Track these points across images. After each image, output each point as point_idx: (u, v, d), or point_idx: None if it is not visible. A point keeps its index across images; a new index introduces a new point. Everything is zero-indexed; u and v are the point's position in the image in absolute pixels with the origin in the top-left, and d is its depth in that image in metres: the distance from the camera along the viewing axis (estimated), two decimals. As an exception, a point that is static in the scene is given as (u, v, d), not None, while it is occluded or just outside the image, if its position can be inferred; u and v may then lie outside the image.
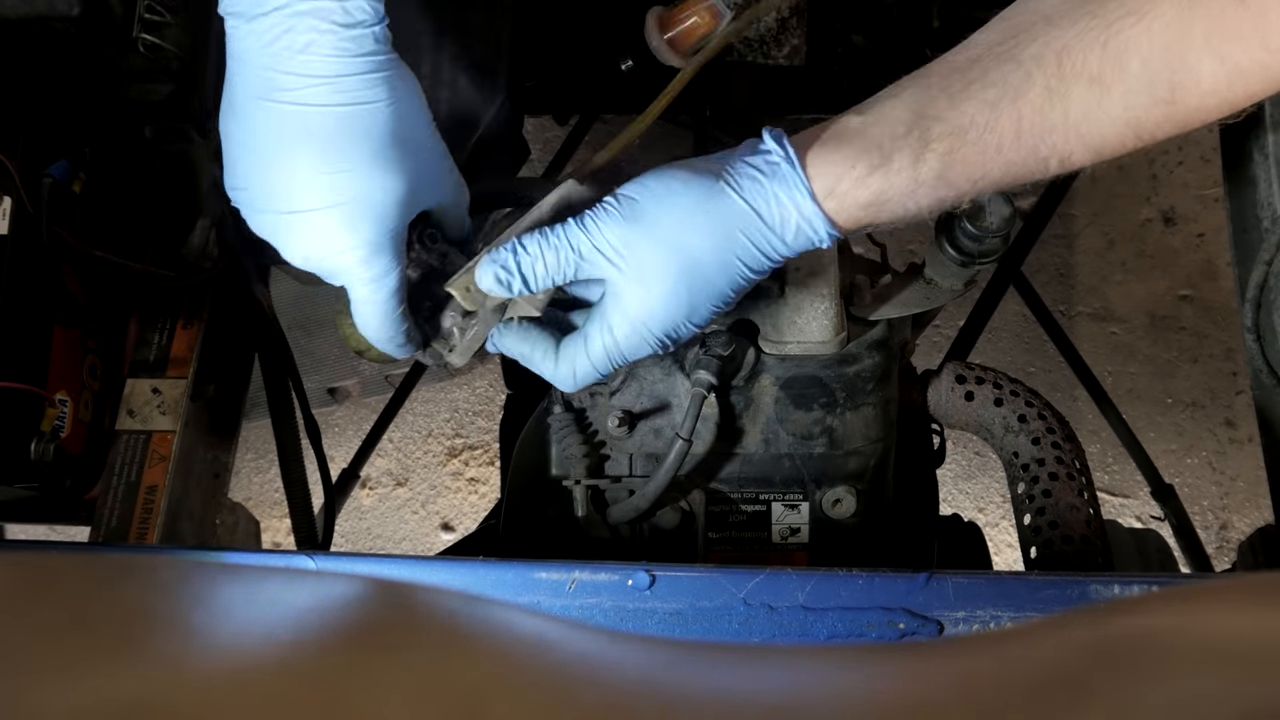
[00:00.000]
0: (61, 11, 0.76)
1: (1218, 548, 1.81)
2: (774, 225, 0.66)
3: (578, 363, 0.70)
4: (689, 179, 0.67)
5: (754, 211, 0.66)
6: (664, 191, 0.66)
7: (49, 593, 0.29)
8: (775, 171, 0.66)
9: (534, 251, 0.67)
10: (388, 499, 1.99)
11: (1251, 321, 0.83)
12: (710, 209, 0.66)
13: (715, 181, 0.66)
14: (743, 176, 0.66)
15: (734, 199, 0.66)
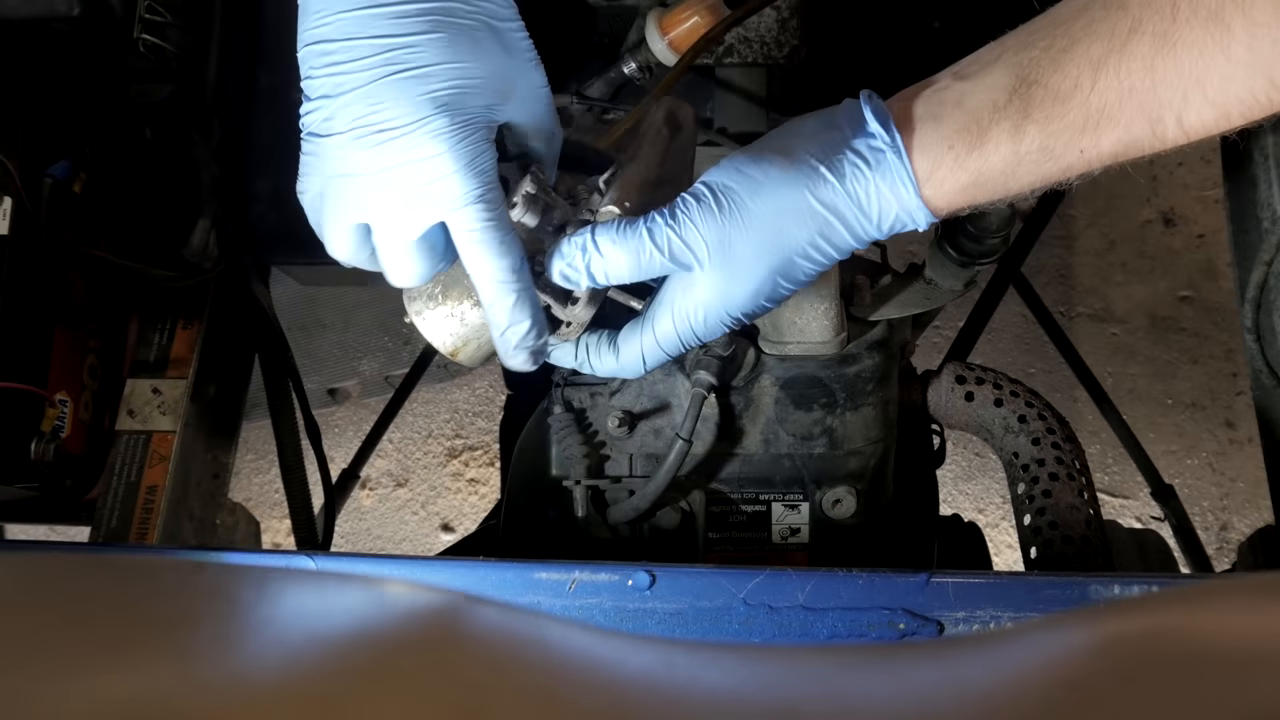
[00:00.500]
0: (62, 12, 0.76)
1: (1218, 548, 1.81)
2: (873, 216, 0.62)
3: (646, 350, 0.66)
4: (788, 168, 0.62)
5: (856, 205, 0.61)
6: (763, 181, 0.62)
7: (49, 593, 0.29)
8: (880, 162, 0.61)
9: (609, 251, 0.62)
10: (388, 500, 1.99)
11: (1251, 322, 0.83)
12: (813, 202, 0.61)
13: (816, 171, 0.61)
14: (847, 166, 0.61)
15: (838, 192, 0.61)
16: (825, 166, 0.61)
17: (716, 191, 0.62)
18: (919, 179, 0.61)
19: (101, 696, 0.24)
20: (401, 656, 0.27)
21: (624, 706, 0.28)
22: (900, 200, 0.61)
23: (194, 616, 0.29)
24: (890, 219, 0.62)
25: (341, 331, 1.95)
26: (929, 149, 0.61)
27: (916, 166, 0.61)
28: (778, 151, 0.63)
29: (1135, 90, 0.57)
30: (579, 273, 0.62)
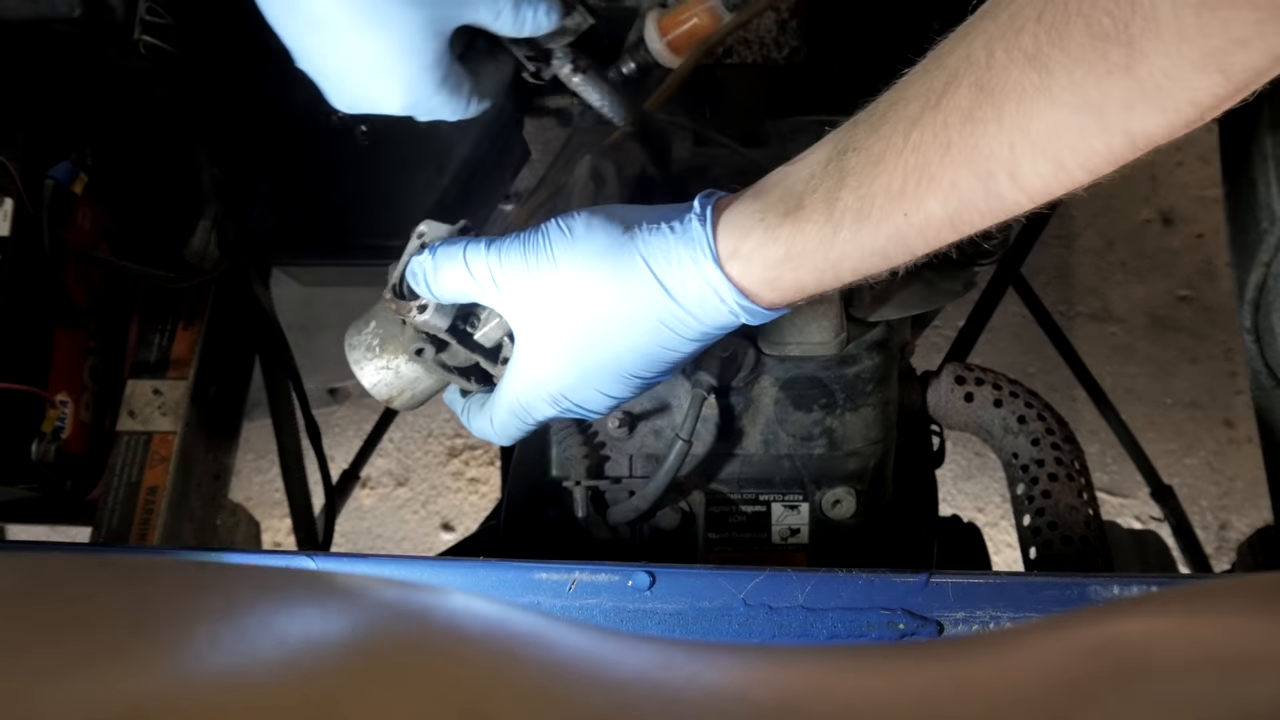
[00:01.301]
0: (62, 13, 0.76)
1: (1217, 548, 1.81)
2: (674, 292, 0.59)
3: (495, 417, 0.67)
4: (604, 225, 0.60)
5: (652, 273, 0.59)
6: (578, 233, 0.60)
7: (49, 593, 0.29)
8: (685, 229, 0.58)
9: (439, 262, 0.63)
10: (388, 499, 1.99)
11: (1250, 323, 0.83)
12: (614, 263, 0.59)
13: (625, 231, 0.60)
14: (652, 232, 0.59)
15: (635, 256, 0.59)
16: (635, 230, 0.60)
17: (534, 232, 0.61)
18: (725, 251, 0.58)
19: (101, 696, 0.24)
20: (400, 656, 0.27)
21: (622, 706, 0.28)
22: (700, 269, 0.58)
23: (194, 616, 0.29)
24: (694, 297, 0.59)
25: (341, 331, 1.94)
26: (738, 221, 0.58)
27: (725, 241, 0.58)
28: (608, 212, 0.62)
29: (954, 145, 0.52)
30: (418, 277, 0.64)
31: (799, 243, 0.57)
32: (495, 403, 0.66)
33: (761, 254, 0.58)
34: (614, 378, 0.63)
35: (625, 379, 0.63)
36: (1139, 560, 0.93)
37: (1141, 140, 0.49)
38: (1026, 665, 0.30)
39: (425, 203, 0.88)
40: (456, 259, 0.62)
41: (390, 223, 0.89)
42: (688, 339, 0.61)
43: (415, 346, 0.68)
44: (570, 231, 0.60)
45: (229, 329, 0.94)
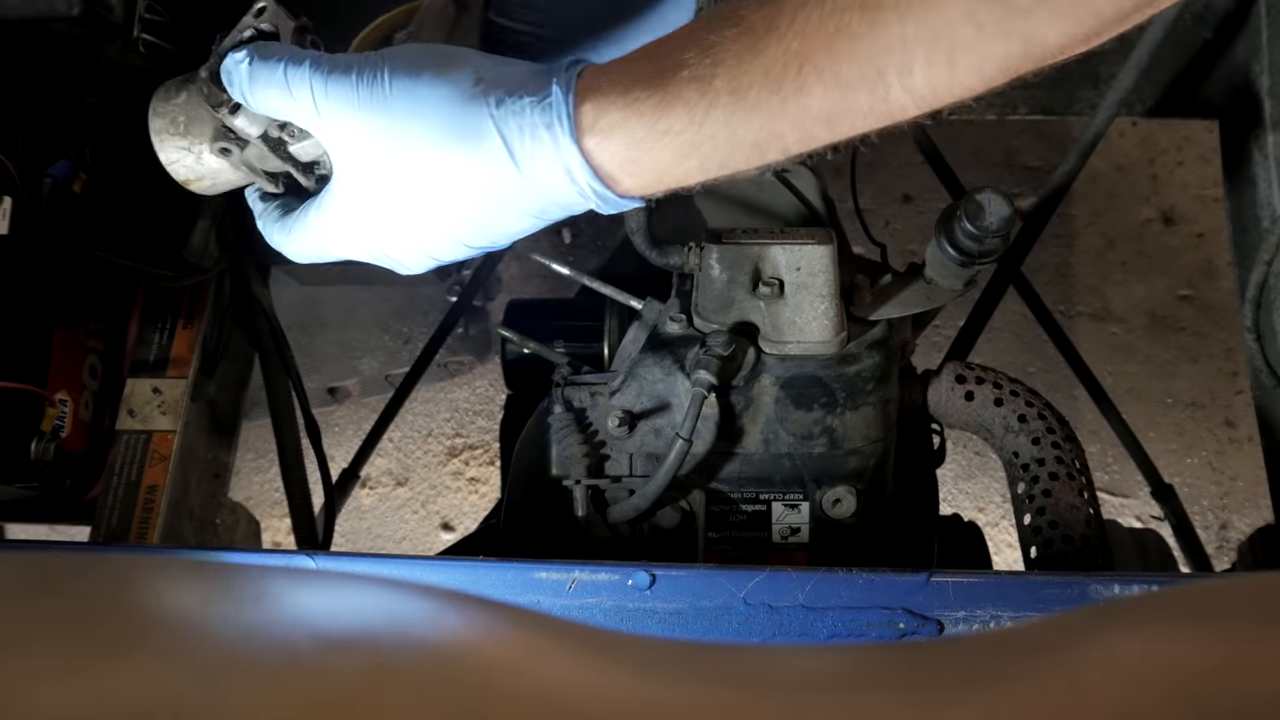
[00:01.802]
0: (62, 11, 0.76)
1: (1218, 548, 1.81)
2: (523, 166, 0.53)
3: (294, 238, 0.61)
4: (455, 75, 0.54)
5: (504, 143, 0.53)
6: (424, 79, 0.54)
7: (49, 592, 0.29)
8: (544, 99, 0.52)
9: (255, 69, 0.57)
10: (388, 499, 1.99)
11: (1251, 321, 0.83)
12: (461, 123, 0.53)
13: (478, 88, 0.53)
14: (509, 99, 0.53)
15: (487, 122, 0.53)
16: (488, 92, 0.53)
17: (369, 68, 0.55)
18: (584, 124, 0.52)
19: (101, 696, 0.24)
20: (400, 657, 0.27)
21: (623, 707, 0.28)
22: (557, 148, 0.52)
23: (194, 616, 0.29)
24: (544, 170, 0.53)
25: (341, 330, 1.94)
26: (602, 93, 0.52)
27: (583, 110, 0.52)
28: (452, 60, 0.55)
29: (844, 32, 0.47)
30: (232, 80, 0.58)
31: (664, 121, 0.51)
32: (301, 225, 0.61)
33: (623, 130, 0.52)
34: (440, 240, 0.58)
35: (452, 243, 0.58)
36: (1140, 559, 0.93)
37: (1038, 49, 0.47)
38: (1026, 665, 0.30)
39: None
40: (276, 75, 0.56)
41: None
42: (527, 214, 0.56)
43: (221, 145, 0.63)
44: (416, 76, 0.54)
45: (229, 328, 0.94)
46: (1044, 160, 1.98)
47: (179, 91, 0.66)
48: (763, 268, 0.78)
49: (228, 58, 0.60)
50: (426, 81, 0.54)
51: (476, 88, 0.53)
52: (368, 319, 1.95)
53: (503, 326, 0.89)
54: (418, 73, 0.54)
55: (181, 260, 0.87)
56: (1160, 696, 0.26)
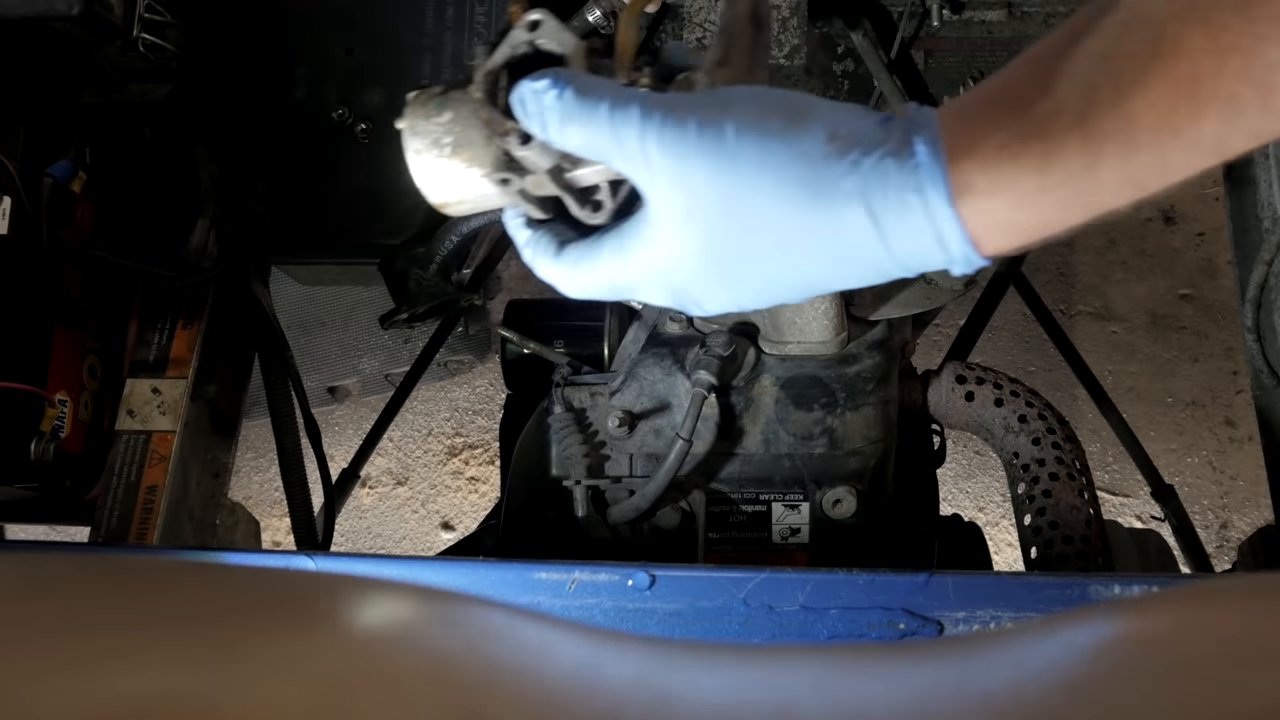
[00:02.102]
0: (62, 11, 0.76)
1: (1218, 547, 1.81)
2: (889, 238, 0.49)
3: (578, 274, 0.57)
4: (806, 131, 0.49)
5: (869, 216, 0.48)
6: (772, 132, 0.49)
7: (49, 593, 0.29)
8: (911, 162, 0.47)
9: (569, 106, 0.52)
10: (388, 498, 1.99)
11: (1252, 321, 0.83)
12: (816, 188, 0.49)
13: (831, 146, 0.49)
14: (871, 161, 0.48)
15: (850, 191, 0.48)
16: (836, 142, 0.49)
17: (708, 123, 0.50)
18: (957, 186, 0.47)
19: (101, 696, 0.24)
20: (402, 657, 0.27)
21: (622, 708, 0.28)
22: (931, 219, 0.48)
23: (193, 616, 0.29)
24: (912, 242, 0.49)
25: (341, 330, 1.94)
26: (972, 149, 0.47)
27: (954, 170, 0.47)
28: (796, 117, 0.50)
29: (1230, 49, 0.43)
30: (534, 116, 0.54)
31: (1051, 174, 0.46)
32: (591, 260, 0.57)
33: (1006, 191, 0.46)
34: (759, 296, 0.53)
35: (769, 299, 0.54)
36: (1140, 560, 0.93)
37: None
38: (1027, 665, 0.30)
39: (425, 202, 0.88)
40: (598, 118, 0.51)
41: (390, 222, 0.89)
42: (871, 275, 0.51)
43: (501, 175, 0.58)
44: (763, 131, 0.50)
45: (228, 328, 0.94)
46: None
47: (442, 109, 0.60)
48: (763, 268, 0.78)
49: (524, 87, 0.54)
50: (775, 137, 0.50)
51: (830, 145, 0.49)
52: (367, 318, 1.95)
53: (503, 326, 0.89)
54: (764, 127, 0.50)
55: (181, 260, 0.87)
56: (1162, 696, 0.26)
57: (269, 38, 0.92)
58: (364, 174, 0.89)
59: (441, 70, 0.90)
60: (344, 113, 0.89)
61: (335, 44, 0.91)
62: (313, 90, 0.90)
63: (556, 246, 0.58)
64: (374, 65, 0.90)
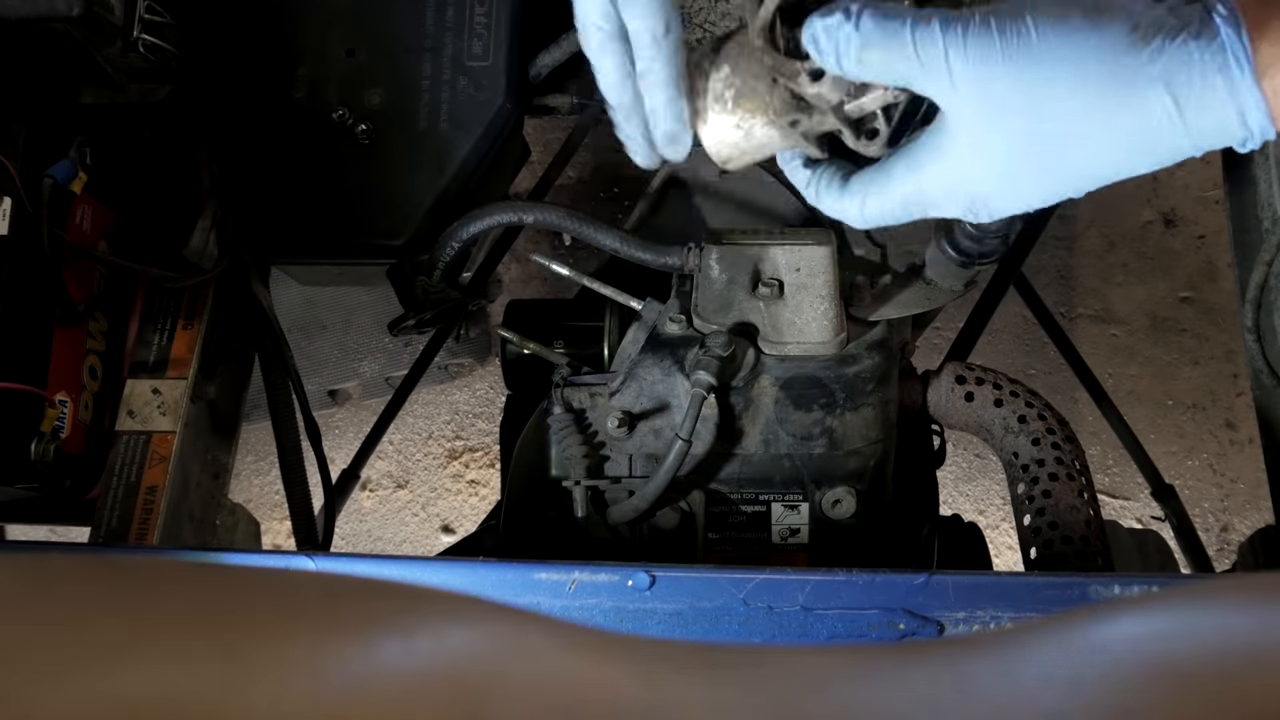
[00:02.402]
0: (62, 11, 0.76)
1: (1218, 549, 1.81)
2: (1191, 121, 0.50)
3: (868, 201, 0.59)
4: (1106, 26, 0.51)
5: (1173, 101, 0.50)
6: (1074, 26, 0.51)
7: (49, 593, 0.29)
8: (1211, 41, 0.49)
9: (868, 34, 0.53)
10: (388, 501, 1.99)
11: (1252, 322, 0.83)
12: (1117, 77, 0.50)
13: (1132, 33, 0.50)
14: (1172, 45, 0.49)
15: (1154, 78, 0.50)
16: (1139, 31, 0.50)
17: (1002, 20, 0.52)
18: (1263, 63, 0.49)
19: (101, 696, 0.24)
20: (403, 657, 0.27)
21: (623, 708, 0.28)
22: (1235, 97, 0.49)
23: (193, 617, 0.29)
24: (1215, 123, 0.50)
25: (342, 333, 1.95)
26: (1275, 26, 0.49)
27: (1260, 46, 0.49)
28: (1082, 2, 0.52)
29: None
30: (827, 47, 0.55)
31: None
32: (881, 183, 0.58)
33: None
34: (1053, 192, 0.55)
35: (1061, 194, 0.55)
36: (1140, 560, 0.93)
37: None
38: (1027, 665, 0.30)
39: (425, 203, 0.88)
40: (900, 40, 0.52)
41: (390, 223, 0.89)
42: (1164, 158, 0.53)
43: (790, 117, 0.58)
44: (1066, 27, 0.51)
45: (228, 328, 0.94)
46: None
47: (719, 63, 0.60)
48: (762, 268, 0.78)
49: (816, 24, 0.55)
50: (1079, 32, 0.51)
51: (1135, 34, 0.51)
52: (368, 321, 1.95)
53: (503, 327, 0.89)
54: (1067, 24, 0.51)
55: (181, 260, 0.87)
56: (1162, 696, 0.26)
57: (269, 38, 0.92)
58: (364, 174, 0.89)
59: (442, 71, 0.90)
60: (344, 113, 0.89)
61: (335, 44, 0.91)
62: (313, 91, 0.90)
63: (842, 179, 0.60)
64: (374, 66, 0.90)
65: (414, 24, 0.90)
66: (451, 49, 0.90)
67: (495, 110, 0.89)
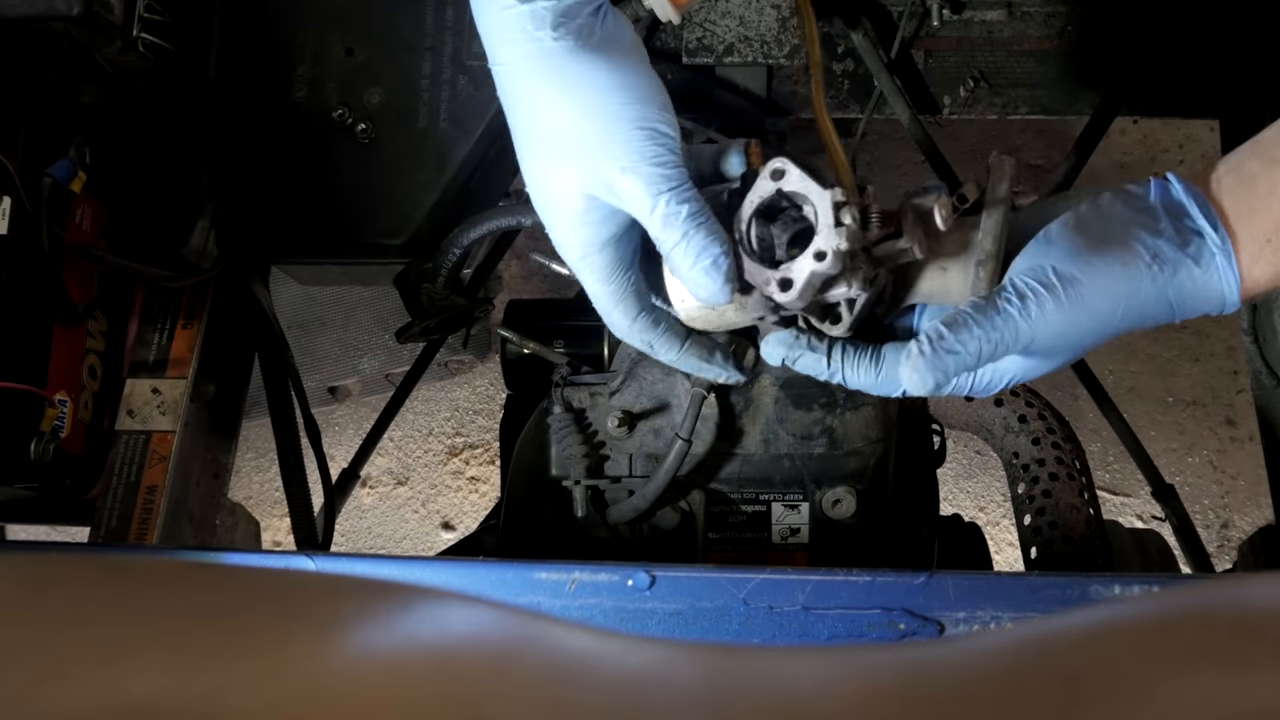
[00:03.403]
0: (62, 11, 0.76)
1: (1219, 547, 1.81)
2: (1185, 309, 0.63)
3: (913, 377, 0.64)
4: (1128, 262, 0.62)
5: (1174, 300, 0.62)
6: (1107, 278, 0.62)
7: (49, 593, 0.29)
8: (1209, 264, 0.61)
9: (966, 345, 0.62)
10: (388, 498, 1.99)
11: (1249, 323, 0.83)
12: (1138, 294, 0.62)
13: (1149, 269, 0.62)
14: (1181, 269, 0.62)
15: (1159, 288, 0.62)
16: (1156, 265, 0.61)
17: (1065, 283, 0.62)
18: (1242, 268, 0.61)
19: (101, 696, 0.24)
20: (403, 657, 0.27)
21: (623, 708, 0.28)
22: (1222, 294, 0.62)
23: (193, 617, 0.29)
24: (1198, 310, 0.63)
25: (342, 330, 1.95)
26: (1247, 245, 0.61)
27: (1241, 249, 0.61)
28: (1108, 241, 0.62)
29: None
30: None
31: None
32: (927, 366, 0.63)
33: (1265, 271, 0.61)
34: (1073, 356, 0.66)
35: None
36: (1140, 560, 0.93)
37: None
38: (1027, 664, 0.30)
39: (425, 202, 0.88)
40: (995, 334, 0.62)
41: (390, 222, 0.89)
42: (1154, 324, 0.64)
43: (760, 314, 0.67)
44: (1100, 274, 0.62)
45: (228, 328, 0.94)
46: (1045, 159, 1.98)
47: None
48: (763, 268, 0.78)
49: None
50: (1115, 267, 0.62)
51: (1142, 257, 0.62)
52: (368, 318, 1.95)
53: (503, 326, 0.89)
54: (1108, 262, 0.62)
55: (181, 260, 0.87)
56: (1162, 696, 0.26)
57: (269, 37, 0.92)
58: (364, 174, 0.89)
59: (441, 70, 0.90)
60: (344, 113, 0.89)
61: (335, 44, 0.91)
62: (313, 90, 0.90)
63: (872, 354, 0.68)
64: (374, 65, 0.90)
65: (414, 23, 0.90)
66: (451, 48, 0.90)
67: (495, 110, 0.89)
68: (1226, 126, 1.02)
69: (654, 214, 0.60)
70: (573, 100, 0.60)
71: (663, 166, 0.60)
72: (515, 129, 0.64)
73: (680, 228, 0.61)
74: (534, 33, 0.59)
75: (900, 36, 0.99)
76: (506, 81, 0.63)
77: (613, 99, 0.60)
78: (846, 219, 0.61)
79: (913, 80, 1.01)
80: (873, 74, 0.97)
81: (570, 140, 0.61)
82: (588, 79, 0.60)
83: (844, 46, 1.00)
